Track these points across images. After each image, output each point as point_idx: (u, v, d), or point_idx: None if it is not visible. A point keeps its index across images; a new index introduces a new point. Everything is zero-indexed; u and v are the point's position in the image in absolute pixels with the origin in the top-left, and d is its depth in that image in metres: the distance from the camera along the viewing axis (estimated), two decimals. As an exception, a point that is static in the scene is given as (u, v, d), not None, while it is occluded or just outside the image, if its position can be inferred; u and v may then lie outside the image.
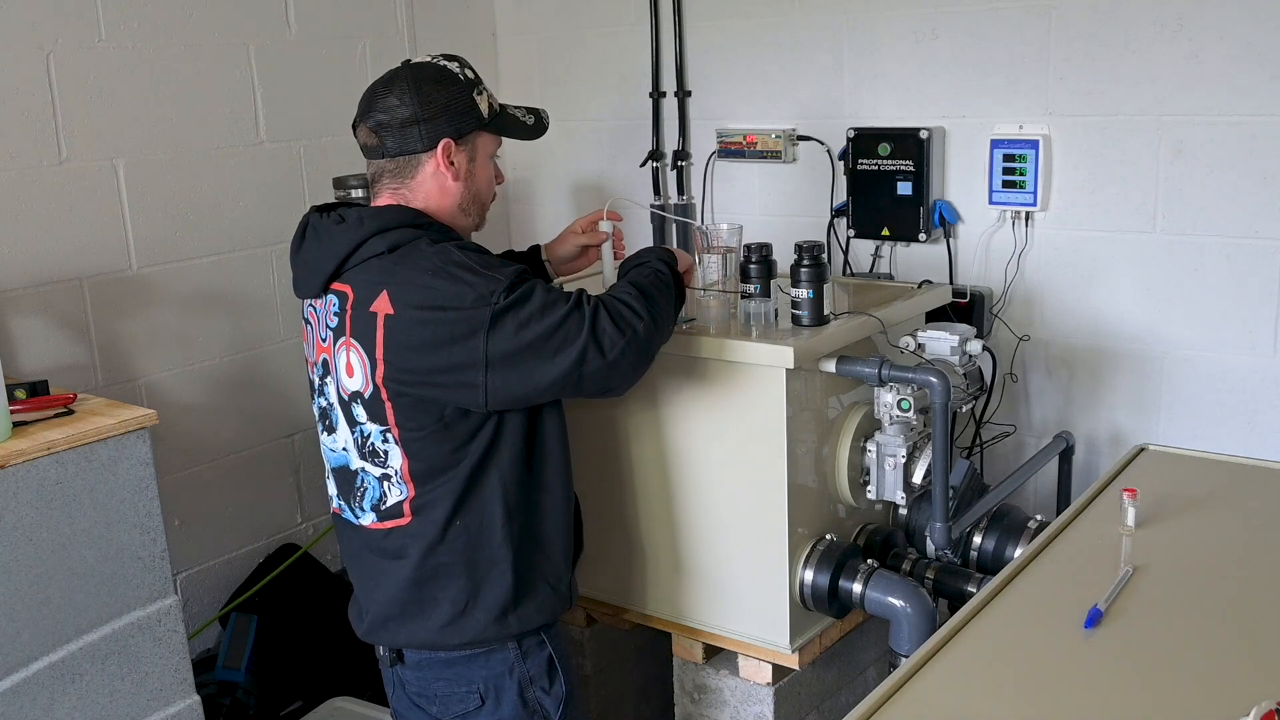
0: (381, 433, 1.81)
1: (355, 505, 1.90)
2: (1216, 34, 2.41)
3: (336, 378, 1.84)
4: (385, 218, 1.80)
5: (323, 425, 1.93)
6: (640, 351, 1.81)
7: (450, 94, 1.85)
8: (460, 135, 1.86)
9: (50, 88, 2.53)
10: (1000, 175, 2.69)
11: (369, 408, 1.80)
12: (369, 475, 1.87)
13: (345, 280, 1.80)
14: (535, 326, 1.72)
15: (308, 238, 1.86)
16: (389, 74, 1.88)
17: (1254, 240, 2.46)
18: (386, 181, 1.87)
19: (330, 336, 1.83)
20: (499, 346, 1.71)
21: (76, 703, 2.04)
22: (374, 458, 1.84)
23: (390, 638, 1.94)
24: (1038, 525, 2.41)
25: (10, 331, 2.49)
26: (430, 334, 1.72)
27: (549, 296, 1.76)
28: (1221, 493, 1.84)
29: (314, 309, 1.88)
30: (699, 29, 3.14)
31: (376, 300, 1.74)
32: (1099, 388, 2.72)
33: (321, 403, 1.92)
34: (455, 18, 3.41)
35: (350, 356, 1.79)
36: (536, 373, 1.74)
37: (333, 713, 2.75)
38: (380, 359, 1.75)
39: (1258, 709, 1.19)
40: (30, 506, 1.93)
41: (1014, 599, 1.55)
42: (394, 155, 1.84)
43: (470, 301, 1.71)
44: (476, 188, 1.91)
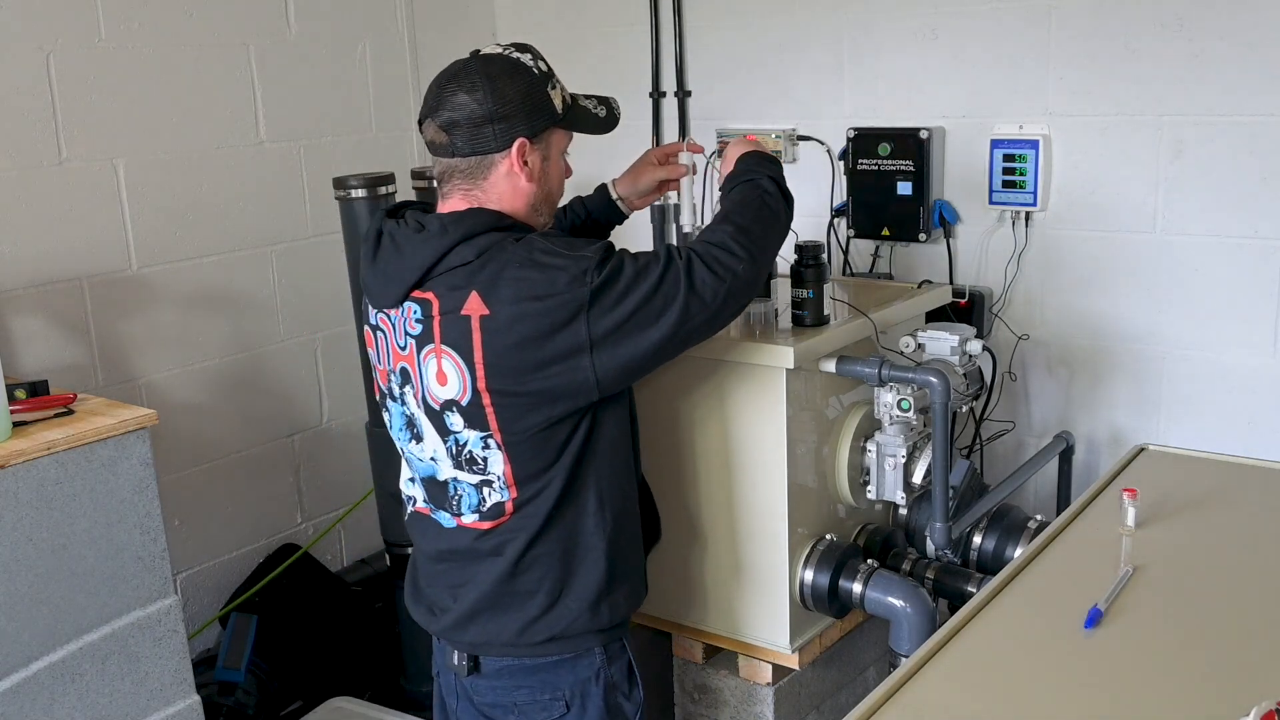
0: (482, 439, 1.73)
1: (451, 509, 1.83)
2: (1216, 34, 2.41)
3: (423, 386, 1.75)
4: (469, 223, 1.71)
5: (409, 434, 1.84)
6: (743, 291, 1.75)
7: (524, 89, 1.74)
8: (535, 134, 1.77)
9: (50, 88, 2.53)
10: (1000, 175, 2.69)
11: (467, 415, 1.72)
12: (463, 484, 1.79)
13: (427, 288, 1.71)
14: (634, 295, 1.66)
15: (385, 247, 1.76)
16: (457, 66, 1.76)
17: (1254, 240, 2.46)
18: (457, 182, 1.77)
19: (412, 344, 1.74)
20: (602, 324, 1.65)
21: (76, 703, 2.04)
22: (471, 465, 1.76)
23: (476, 634, 1.84)
24: (1038, 525, 2.41)
25: (10, 331, 2.49)
26: (531, 327, 1.64)
27: (639, 262, 1.69)
28: (1221, 493, 1.84)
29: (387, 316, 1.78)
30: (699, 29, 3.14)
31: (467, 303, 1.66)
32: (1099, 388, 2.72)
33: (405, 411, 1.83)
34: (455, 18, 3.41)
35: (442, 364, 1.70)
36: (643, 341, 1.68)
37: (333, 713, 2.75)
38: (480, 362, 1.67)
39: (1258, 709, 1.19)
40: (30, 506, 1.93)
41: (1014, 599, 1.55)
42: (465, 155, 1.73)
43: (564, 285, 1.64)
44: (549, 187, 1.84)
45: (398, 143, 3.28)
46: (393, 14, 3.23)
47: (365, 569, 3.22)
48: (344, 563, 3.27)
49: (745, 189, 1.88)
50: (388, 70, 3.23)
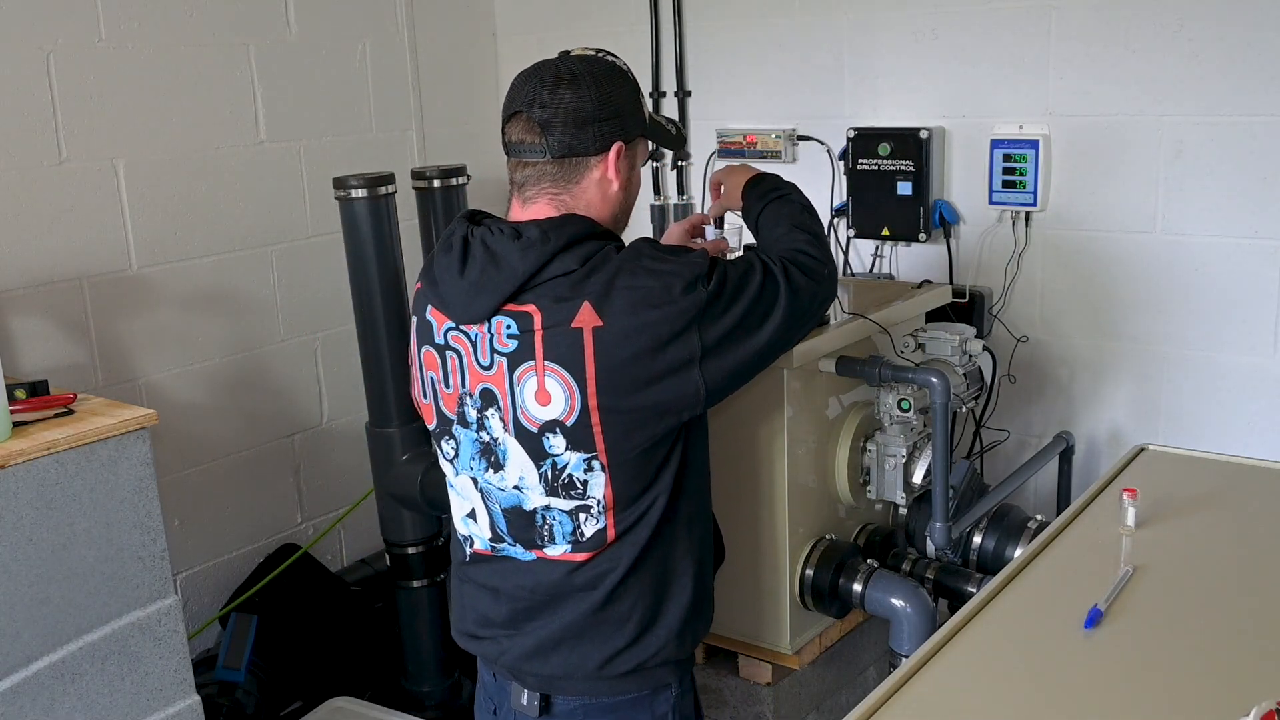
0: (585, 460, 1.61)
1: (538, 540, 1.68)
2: (1216, 34, 2.41)
3: (515, 408, 1.62)
4: (570, 230, 1.61)
5: (485, 462, 1.69)
6: (831, 289, 1.75)
7: (625, 94, 1.68)
8: (630, 139, 1.69)
9: (50, 88, 2.53)
10: (1000, 175, 2.69)
11: (571, 435, 1.60)
12: (556, 511, 1.66)
13: (524, 300, 1.59)
14: (742, 302, 1.61)
15: (475, 257, 1.62)
16: (555, 64, 1.66)
17: (1254, 240, 2.46)
18: (546, 185, 1.66)
19: (502, 363, 1.61)
20: (712, 332, 1.59)
21: (76, 703, 2.04)
22: (568, 491, 1.64)
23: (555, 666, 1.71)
24: (1038, 525, 2.41)
25: (10, 331, 2.49)
26: (649, 337, 1.56)
27: (737, 269, 1.64)
28: (1221, 493, 1.84)
29: (464, 334, 1.64)
30: (699, 29, 3.14)
31: (578, 315, 1.56)
32: (1099, 388, 2.72)
33: (481, 438, 1.68)
34: (455, 18, 3.41)
35: (545, 382, 1.58)
36: (751, 346, 1.62)
37: (333, 713, 2.75)
38: (592, 377, 1.56)
39: (1258, 709, 1.19)
40: (30, 506, 1.93)
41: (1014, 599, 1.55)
42: (558, 156, 1.63)
43: (679, 292, 1.57)
44: (631, 195, 1.76)
45: (398, 143, 3.28)
46: (393, 14, 3.23)
47: (365, 569, 3.22)
48: (344, 563, 3.27)
49: (781, 204, 1.86)
50: (388, 70, 3.23)
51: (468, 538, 1.78)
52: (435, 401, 1.73)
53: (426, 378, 1.72)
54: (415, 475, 2.78)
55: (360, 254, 2.67)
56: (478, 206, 3.15)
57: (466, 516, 1.77)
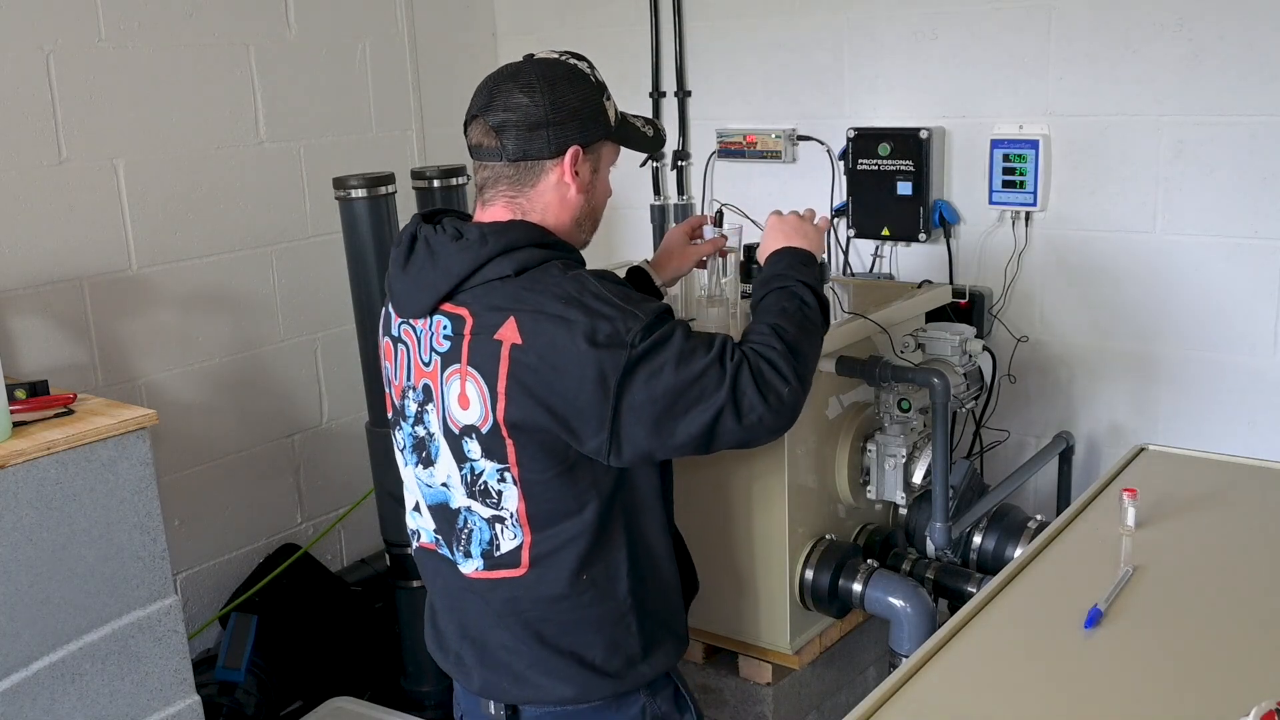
0: (498, 471, 1.60)
1: (458, 548, 1.69)
2: (1216, 34, 2.41)
3: (444, 407, 1.63)
4: (510, 236, 1.60)
5: (416, 456, 1.70)
6: (782, 417, 1.60)
7: (582, 97, 1.65)
8: (588, 143, 1.66)
9: (50, 88, 2.53)
10: (1000, 175, 2.69)
11: (485, 444, 1.59)
12: (475, 515, 1.65)
13: (460, 302, 1.59)
14: (669, 377, 1.52)
15: (418, 253, 1.64)
16: (512, 68, 1.66)
17: (1254, 240, 2.46)
18: (503, 188, 1.66)
19: (438, 361, 1.62)
20: (631, 396, 1.52)
21: (77, 702, 2.04)
22: (484, 497, 1.63)
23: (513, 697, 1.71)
24: (1038, 525, 2.41)
25: (10, 331, 2.49)
26: (559, 373, 1.52)
27: (688, 344, 1.55)
28: (1221, 493, 1.84)
29: (412, 328, 1.66)
30: (699, 29, 3.14)
31: (502, 328, 1.54)
32: (1099, 388, 2.72)
33: (418, 432, 1.69)
34: (455, 18, 3.41)
35: (466, 387, 1.58)
36: (665, 428, 1.54)
37: (333, 713, 2.75)
38: (503, 393, 1.55)
39: (1258, 709, 1.19)
40: (30, 506, 1.93)
41: (1014, 599, 1.55)
42: (514, 159, 1.63)
43: (604, 339, 1.51)
44: (595, 201, 1.72)
45: (398, 143, 3.28)
46: (393, 14, 3.23)
47: (365, 569, 3.22)
48: (344, 563, 3.27)
49: (781, 296, 1.73)
50: (388, 70, 3.23)
51: (415, 531, 1.79)
52: (390, 392, 1.76)
53: (386, 367, 1.76)
54: (415, 475, 2.78)
55: (360, 254, 2.67)
56: (478, 206, 3.15)
57: (413, 510, 1.78)
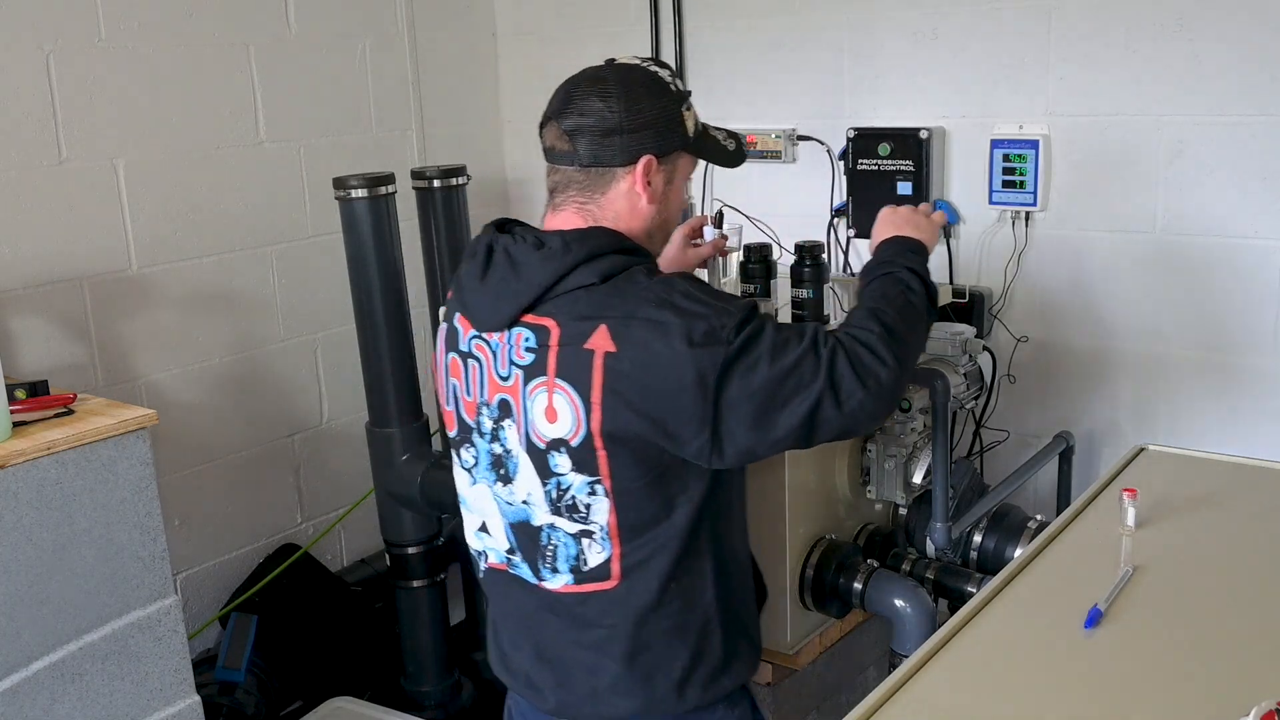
0: (589, 484, 1.56)
1: (544, 564, 1.63)
2: (1216, 34, 2.41)
3: (526, 422, 1.57)
4: (593, 243, 1.56)
5: (494, 474, 1.65)
6: (883, 401, 1.55)
7: (660, 105, 1.61)
8: (663, 153, 1.61)
9: (50, 88, 2.53)
10: (1000, 175, 2.69)
11: (576, 456, 1.55)
12: (559, 532, 1.60)
13: (544, 313, 1.54)
14: (765, 370, 1.49)
15: (497, 264, 1.58)
16: (591, 73, 1.62)
17: (1254, 240, 2.46)
18: (573, 194, 1.62)
19: (519, 376, 1.57)
20: (729, 393, 1.48)
21: (76, 703, 2.04)
22: (571, 512, 1.58)
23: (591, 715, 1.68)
24: (1038, 525, 2.41)
25: (10, 331, 2.49)
26: (658, 377, 1.48)
27: (780, 335, 1.52)
28: (1221, 493, 1.84)
29: (486, 343, 1.60)
30: (699, 29, 3.14)
31: (593, 336, 1.50)
32: (1099, 388, 2.72)
33: (495, 449, 1.63)
34: (455, 18, 3.41)
35: (554, 400, 1.53)
36: (766, 422, 1.50)
37: (333, 713, 2.75)
38: (598, 403, 1.51)
39: (1258, 709, 1.19)
40: (30, 506, 1.93)
41: (1014, 599, 1.55)
42: (586, 165, 1.59)
43: (701, 337, 1.47)
44: (668, 213, 1.67)
45: (398, 143, 3.28)
46: (393, 14, 3.23)
47: (365, 569, 3.22)
48: (344, 563, 3.27)
49: (886, 283, 1.69)
50: (388, 70, 3.23)
51: (481, 553, 1.73)
52: (457, 408, 1.68)
53: (450, 384, 1.69)
54: (415, 475, 2.78)
55: (360, 254, 2.67)
56: (477, 206, 3.15)
57: (479, 531, 1.72)
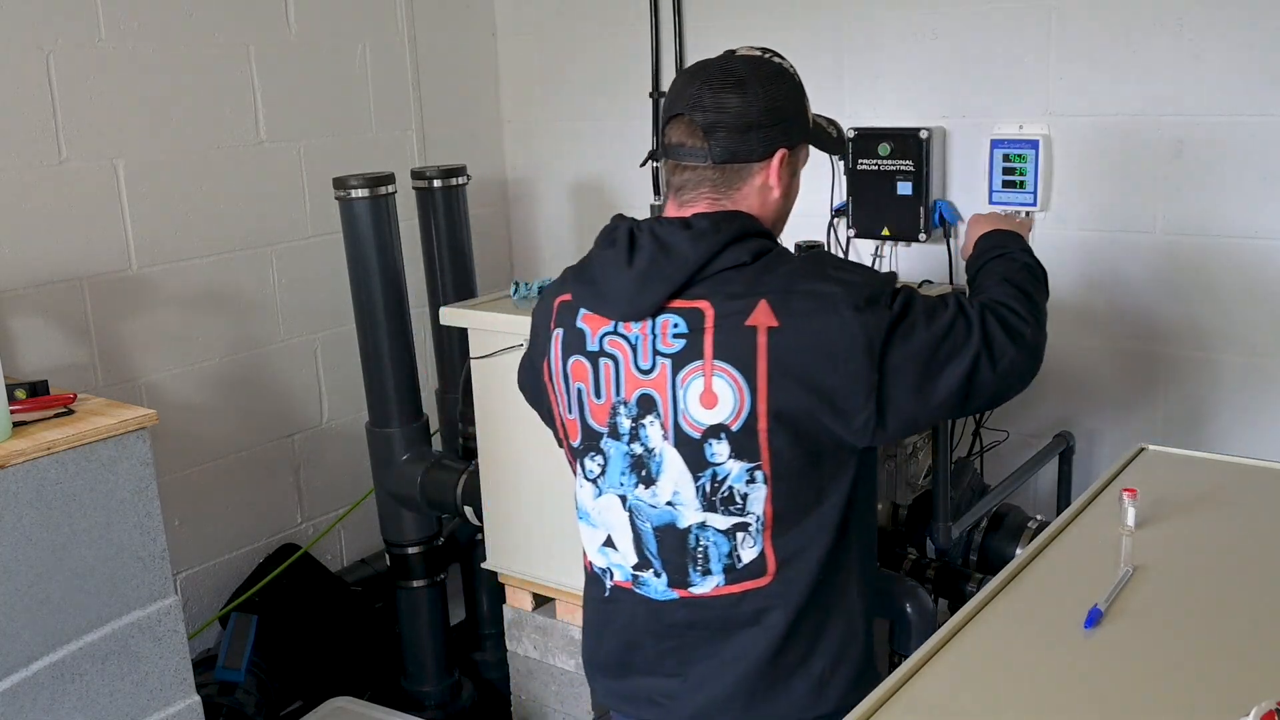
0: (748, 471, 1.52)
1: (694, 569, 1.58)
2: (1216, 34, 2.41)
3: (677, 413, 1.53)
4: (740, 222, 1.53)
5: (635, 477, 1.58)
6: (1034, 359, 1.56)
7: (790, 98, 1.58)
8: (793, 145, 1.59)
9: (50, 88, 2.53)
10: (1000, 175, 2.69)
11: (736, 442, 1.50)
12: (710, 530, 1.55)
13: (694, 295, 1.51)
14: (923, 333, 1.48)
15: (643, 247, 1.53)
16: (720, 66, 1.57)
17: (1254, 240, 2.46)
18: (705, 190, 1.57)
19: (665, 365, 1.52)
20: (892, 358, 1.47)
21: (76, 703, 2.04)
22: (727, 505, 1.54)
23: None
24: (1038, 525, 2.41)
25: (10, 331, 2.49)
26: (826, 347, 1.46)
27: (929, 300, 1.52)
28: (1221, 493, 1.84)
29: (624, 338, 1.55)
30: (699, 29, 3.14)
31: (754, 313, 1.47)
32: (1099, 388, 2.72)
33: (635, 449, 1.57)
34: (455, 18, 3.41)
35: (713, 383, 1.49)
36: (926, 388, 1.49)
37: (333, 713, 2.75)
38: (764, 381, 1.47)
39: (1258, 709, 1.19)
40: (30, 506, 1.93)
41: (1014, 599, 1.55)
42: (720, 162, 1.54)
43: (864, 305, 1.46)
44: (790, 203, 1.65)
45: (398, 143, 3.28)
46: (393, 14, 3.23)
47: (365, 569, 3.22)
48: (344, 563, 3.27)
49: (1001, 262, 1.70)
50: (388, 70, 3.23)
51: (606, 570, 1.67)
52: (581, 415, 1.62)
53: (573, 390, 1.63)
54: (415, 475, 2.78)
55: (360, 254, 2.67)
56: (477, 206, 3.16)
57: (603, 546, 1.66)
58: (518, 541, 2.62)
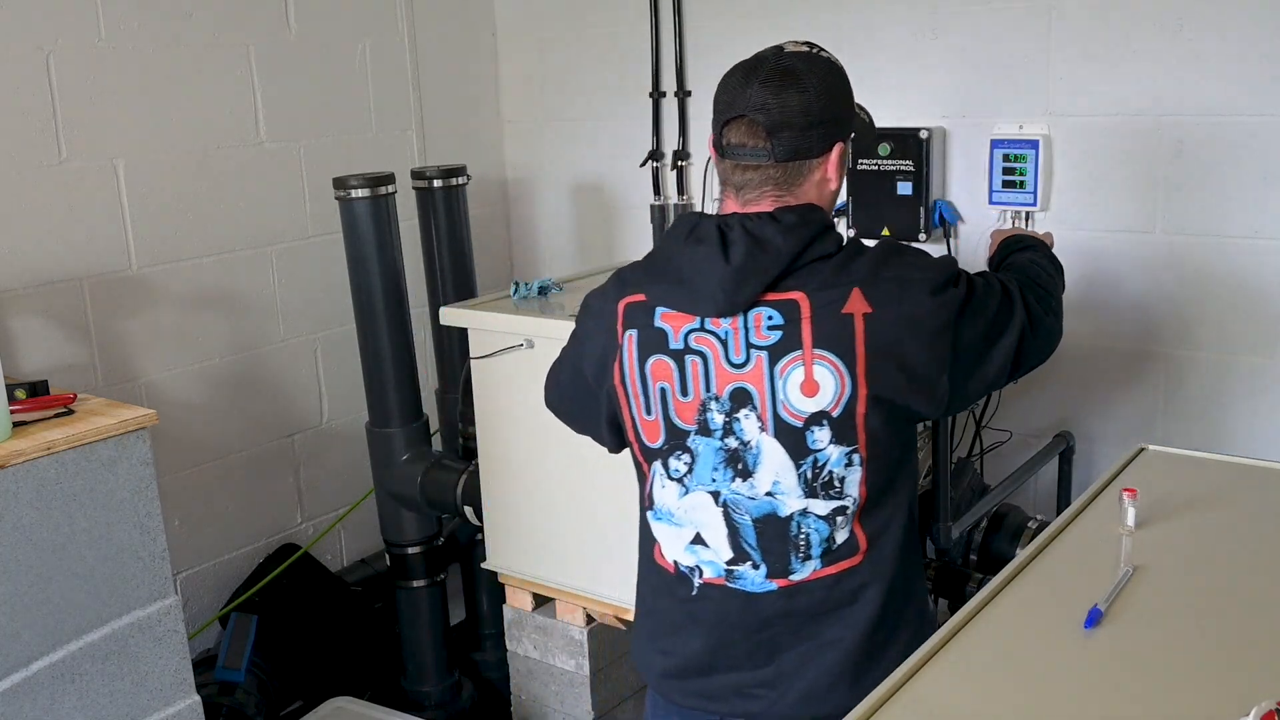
0: (846, 455, 1.56)
1: (796, 557, 1.61)
2: (1216, 34, 2.41)
3: (776, 404, 1.56)
4: (819, 217, 1.59)
5: (730, 471, 1.60)
6: (1061, 326, 1.75)
7: (844, 92, 1.62)
8: (846, 137, 1.64)
9: (50, 88, 2.53)
10: (1000, 175, 2.69)
11: (836, 427, 1.55)
12: (811, 517, 1.59)
13: (787, 287, 1.55)
14: (984, 311, 1.59)
15: (736, 242, 1.55)
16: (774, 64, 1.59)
17: (1254, 240, 2.46)
18: (769, 189, 1.60)
19: (762, 357, 1.56)
20: (964, 336, 1.57)
21: (76, 703, 2.04)
22: (827, 490, 1.58)
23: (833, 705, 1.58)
24: (1038, 525, 2.41)
25: (10, 331, 2.49)
26: (914, 328, 1.54)
27: (980, 279, 1.63)
28: (1221, 493, 1.84)
29: (712, 334, 1.58)
30: (699, 29, 3.14)
31: (849, 300, 1.53)
32: (1099, 388, 2.71)
33: (729, 444, 1.59)
34: (455, 18, 3.41)
35: (814, 371, 1.54)
36: (986, 360, 1.60)
37: (333, 713, 2.75)
38: (863, 366, 1.53)
39: (1258, 709, 1.19)
40: (30, 506, 1.93)
41: (1014, 599, 1.55)
42: (782, 160, 1.57)
43: (942, 287, 1.56)
44: (839, 193, 1.70)
45: (398, 143, 3.28)
46: (393, 14, 3.23)
47: (365, 569, 3.22)
48: (344, 563, 3.27)
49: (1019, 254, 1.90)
50: (388, 70, 3.23)
51: (694, 568, 1.66)
52: (665, 414, 1.63)
53: (655, 390, 1.63)
54: (415, 475, 2.78)
55: (360, 254, 2.67)
56: (477, 206, 3.16)
57: (691, 544, 1.66)
58: (518, 541, 2.62)
